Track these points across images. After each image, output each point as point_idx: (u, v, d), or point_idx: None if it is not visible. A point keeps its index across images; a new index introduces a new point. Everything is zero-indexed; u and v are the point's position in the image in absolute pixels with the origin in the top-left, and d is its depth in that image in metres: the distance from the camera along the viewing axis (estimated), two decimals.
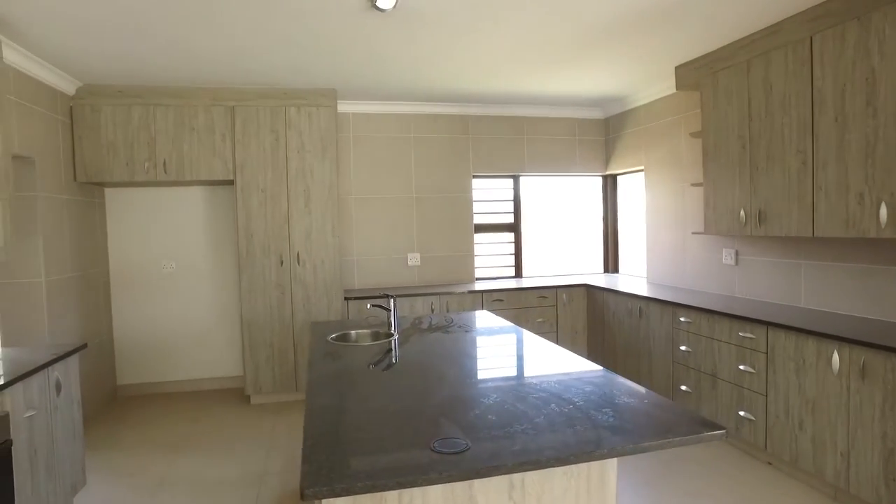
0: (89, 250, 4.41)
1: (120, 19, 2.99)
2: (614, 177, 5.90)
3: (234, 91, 4.45)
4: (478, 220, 5.71)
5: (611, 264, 5.95)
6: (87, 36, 3.22)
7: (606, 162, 5.80)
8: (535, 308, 5.12)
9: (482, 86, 4.71)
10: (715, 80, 3.81)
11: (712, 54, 3.81)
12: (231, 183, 4.67)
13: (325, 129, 4.65)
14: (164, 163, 4.34)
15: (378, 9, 2.84)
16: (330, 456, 1.46)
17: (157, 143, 4.33)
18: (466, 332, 3.12)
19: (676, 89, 4.20)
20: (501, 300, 5.06)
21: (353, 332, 3.15)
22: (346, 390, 2.07)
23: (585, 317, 5.24)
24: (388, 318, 3.18)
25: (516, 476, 1.45)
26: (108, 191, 4.77)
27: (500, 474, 1.38)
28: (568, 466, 1.49)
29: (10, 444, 2.37)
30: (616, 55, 3.88)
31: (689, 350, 3.81)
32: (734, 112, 3.66)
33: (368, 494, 1.38)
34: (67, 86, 4.07)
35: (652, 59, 4.00)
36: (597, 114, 5.73)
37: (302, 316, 4.67)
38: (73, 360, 2.94)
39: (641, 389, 1.95)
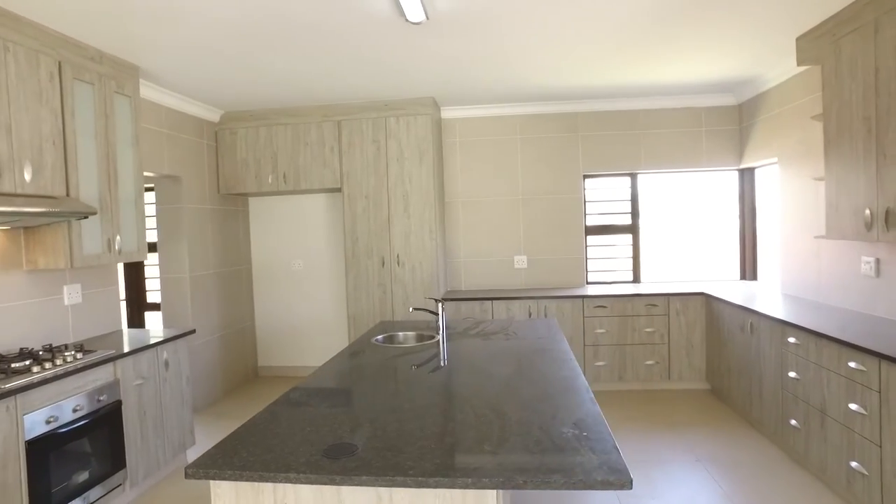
0: (232, 250, 5.26)
1: (235, 61, 3.56)
2: (752, 171, 5.11)
3: (341, 106, 4.90)
4: (592, 221, 5.43)
5: (748, 271, 5.16)
6: (217, 77, 3.88)
7: (741, 154, 5.05)
8: (642, 317, 4.70)
9: (587, 80, 4.44)
10: (837, 50, 3.11)
11: (835, 17, 3.11)
12: (339, 190, 5.16)
13: (421, 137, 4.86)
14: (284, 175, 4.98)
15: (411, 22, 2.93)
16: (237, 444, 1.63)
17: (278, 158, 4.99)
18: (506, 339, 3.05)
19: (798, 64, 3.51)
20: (604, 307, 4.75)
21: (400, 333, 3.30)
22: (327, 387, 2.22)
23: (704, 329, 4.65)
24: (437, 321, 3.26)
25: (384, 490, 1.45)
26: (250, 200, 5.62)
27: (353, 485, 1.42)
28: (439, 490, 1.43)
29: (120, 403, 3.02)
30: (734, 29, 3.35)
31: (798, 377, 3.18)
32: (858, 87, 2.95)
33: (248, 483, 1.51)
34: (213, 115, 4.91)
35: (775, 29, 3.37)
36: (728, 100, 5.01)
37: (401, 314, 4.96)
38: (182, 343, 3.59)
39: (597, 424, 1.75)
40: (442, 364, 2.56)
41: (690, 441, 3.67)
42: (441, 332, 3.12)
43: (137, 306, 5.20)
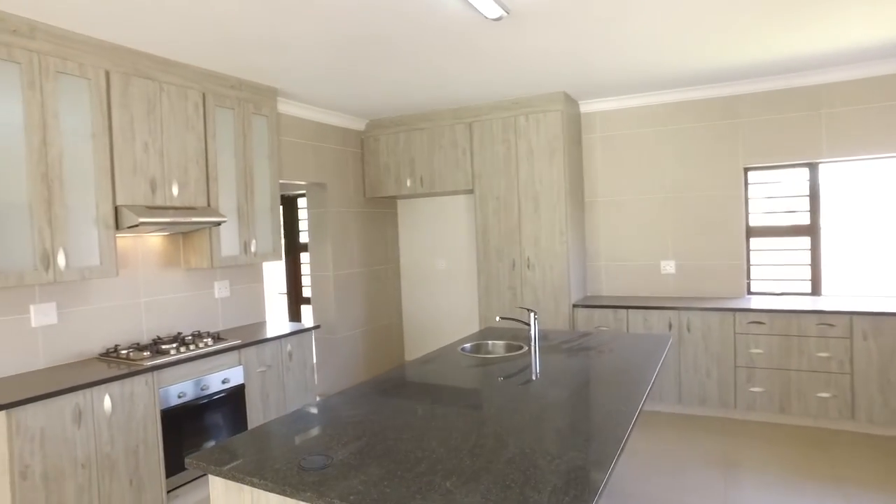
0: (378, 250, 5.64)
1: (351, 75, 3.84)
2: None
3: (471, 108, 4.91)
4: (756, 221, 4.60)
5: None
6: (345, 90, 4.21)
7: None
8: (812, 338, 3.84)
9: (743, 55, 3.73)
10: None
11: None
12: (471, 192, 5.18)
13: (552, 135, 4.63)
14: (421, 178, 5.18)
15: (491, 20, 2.80)
16: (240, 443, 1.75)
17: (415, 162, 5.20)
18: (595, 357, 2.76)
19: None
20: (761, 323, 4.00)
21: (490, 342, 3.20)
22: (370, 394, 2.26)
23: None
24: (529, 332, 3.10)
25: None
26: (399, 202, 5.96)
27: (300, 500, 1.42)
28: None
29: (244, 387, 3.48)
30: None
31: None
32: None
33: (235, 483, 1.61)
34: (358, 124, 5.33)
35: None
36: None
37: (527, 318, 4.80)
38: (307, 336, 3.97)
39: (596, 478, 1.49)
40: (534, 377, 2.43)
41: None
42: (533, 343, 2.97)
43: (295, 299, 5.91)
